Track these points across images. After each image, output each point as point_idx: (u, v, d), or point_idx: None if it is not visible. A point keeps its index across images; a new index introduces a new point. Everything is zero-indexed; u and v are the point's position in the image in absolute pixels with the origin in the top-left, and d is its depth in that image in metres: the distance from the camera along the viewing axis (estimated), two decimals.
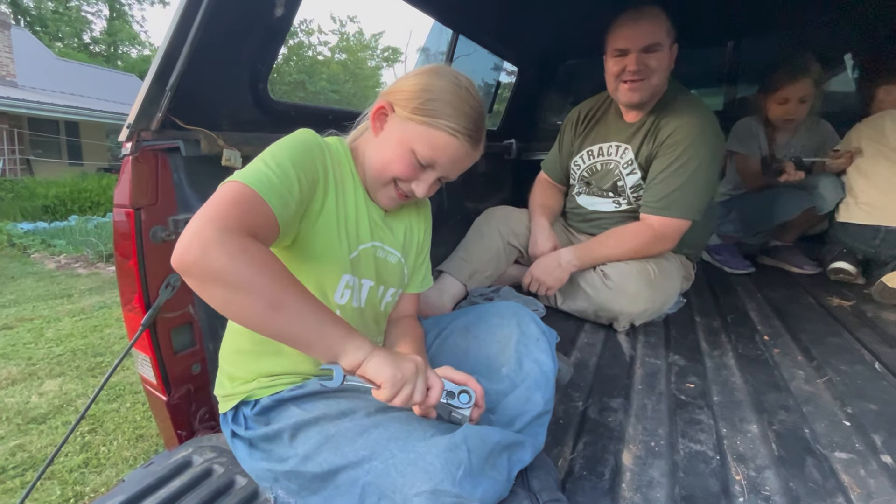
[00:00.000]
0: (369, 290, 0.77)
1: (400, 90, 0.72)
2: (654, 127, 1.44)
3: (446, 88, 0.70)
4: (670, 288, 1.46)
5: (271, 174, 0.60)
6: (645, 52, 1.32)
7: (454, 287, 1.57)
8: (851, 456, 0.83)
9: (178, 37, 0.82)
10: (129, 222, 0.87)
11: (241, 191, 0.57)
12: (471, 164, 0.77)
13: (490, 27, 2.14)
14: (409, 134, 0.70)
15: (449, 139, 0.70)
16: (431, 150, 0.70)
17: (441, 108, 0.69)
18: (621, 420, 0.95)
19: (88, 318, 3.31)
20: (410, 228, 0.86)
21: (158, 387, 0.94)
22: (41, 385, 2.34)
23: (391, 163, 0.72)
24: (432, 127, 0.69)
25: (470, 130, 0.71)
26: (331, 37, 26.73)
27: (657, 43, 1.31)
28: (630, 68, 1.34)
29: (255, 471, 0.69)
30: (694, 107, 1.41)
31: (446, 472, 0.52)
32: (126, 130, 0.84)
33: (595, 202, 1.64)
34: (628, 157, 1.50)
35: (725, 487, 0.76)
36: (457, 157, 0.72)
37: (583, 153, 1.63)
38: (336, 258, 0.70)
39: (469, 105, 0.71)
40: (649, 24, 1.31)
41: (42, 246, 5.60)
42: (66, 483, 1.63)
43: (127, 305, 0.92)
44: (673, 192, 1.37)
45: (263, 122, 1.15)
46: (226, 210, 0.54)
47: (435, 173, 0.74)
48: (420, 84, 0.71)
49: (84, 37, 23.08)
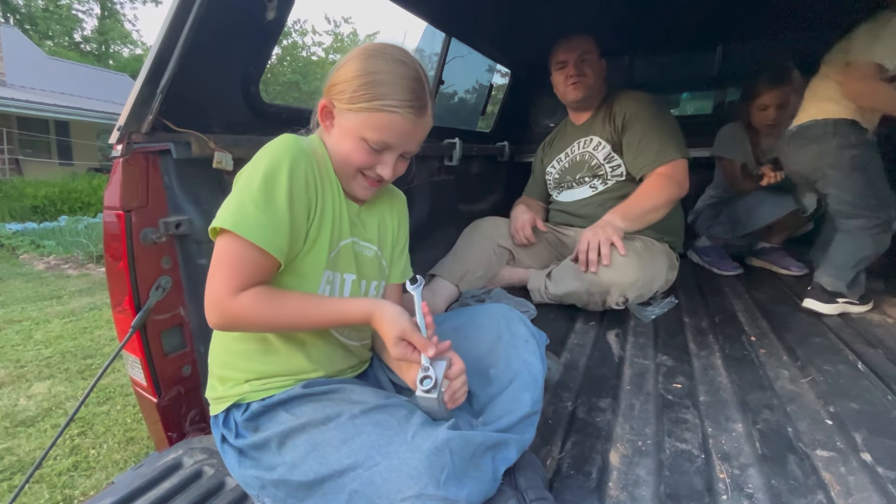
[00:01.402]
0: (352, 284, 0.78)
1: (334, 84, 0.72)
2: (607, 114, 1.73)
3: (375, 68, 0.69)
4: (657, 264, 1.57)
5: (263, 218, 0.63)
6: (580, 60, 1.69)
7: (446, 289, 1.59)
8: (832, 454, 0.85)
9: (169, 39, 0.83)
10: (119, 224, 0.87)
11: (239, 249, 0.63)
12: (426, 132, 0.77)
13: (483, 30, 2.16)
14: (353, 124, 0.71)
15: (391, 117, 0.69)
16: (378, 132, 0.70)
17: (374, 89, 0.69)
18: (609, 420, 0.97)
19: (78, 319, 3.28)
20: (383, 220, 0.87)
21: (149, 389, 0.94)
22: (30, 388, 2.31)
23: (349, 155, 0.73)
24: (372, 111, 0.69)
25: (409, 101, 0.70)
26: (325, 37, 26.68)
27: (588, 50, 1.69)
28: (570, 73, 1.70)
29: (243, 478, 0.69)
30: (631, 91, 1.74)
31: (430, 475, 0.53)
32: (117, 132, 0.84)
33: (573, 193, 1.83)
34: (594, 141, 1.75)
35: (710, 485, 0.77)
36: (405, 131, 0.72)
37: (553, 163, 1.91)
38: (318, 259, 0.72)
39: (402, 76, 0.70)
40: (578, 40, 1.71)
41: (31, 247, 5.53)
42: (54, 486, 1.62)
43: (117, 307, 0.92)
44: (659, 143, 1.59)
45: (255, 124, 1.15)
46: (229, 276, 0.63)
47: (393, 153, 0.74)
48: (349, 72, 0.70)
49: (75, 35, 22.84)
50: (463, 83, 3.04)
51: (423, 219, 1.98)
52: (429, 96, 0.73)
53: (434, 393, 0.66)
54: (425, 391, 0.67)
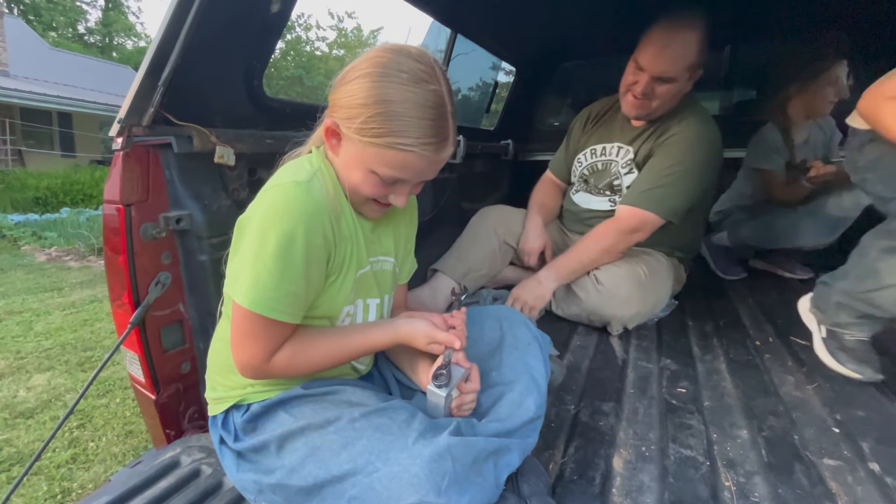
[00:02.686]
0: (377, 308, 0.77)
1: (340, 105, 0.62)
2: (657, 132, 1.47)
3: (388, 95, 0.58)
4: (661, 289, 1.48)
5: (281, 291, 0.60)
6: (657, 79, 1.33)
7: (448, 287, 1.57)
8: (839, 462, 0.83)
9: (171, 31, 0.81)
10: (119, 218, 0.85)
11: (262, 323, 0.62)
12: (444, 163, 0.67)
13: (488, 27, 2.13)
14: (362, 155, 0.62)
15: (405, 156, 0.60)
16: (391, 169, 0.62)
17: (386, 124, 0.58)
18: (612, 424, 0.96)
19: (79, 311, 3.28)
20: (398, 228, 0.84)
21: (147, 385, 0.93)
22: (29, 379, 2.31)
23: (359, 186, 0.66)
24: (382, 147, 0.60)
25: (427, 139, 0.60)
26: (329, 32, 26.59)
27: (672, 77, 1.31)
28: (638, 88, 1.36)
29: (240, 481, 0.68)
30: (697, 116, 1.43)
31: (431, 483, 0.52)
32: (117, 125, 0.83)
33: (591, 200, 1.65)
34: (628, 157, 1.53)
35: (715, 493, 0.76)
36: (420, 168, 0.63)
37: (586, 151, 1.66)
38: (336, 300, 0.70)
39: (420, 106, 0.59)
40: (673, 54, 1.28)
41: (33, 238, 5.53)
42: (53, 479, 1.62)
43: (116, 302, 0.91)
44: (654, 189, 1.39)
45: (258, 119, 1.13)
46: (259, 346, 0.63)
47: (406, 185, 0.67)
48: (359, 96, 0.59)
49: (79, 27, 22.82)
50: (468, 80, 3.03)
51: (425, 217, 1.97)
52: (452, 122, 0.63)
53: (444, 391, 0.67)
54: (437, 386, 0.67)
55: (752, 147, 1.99)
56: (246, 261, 0.60)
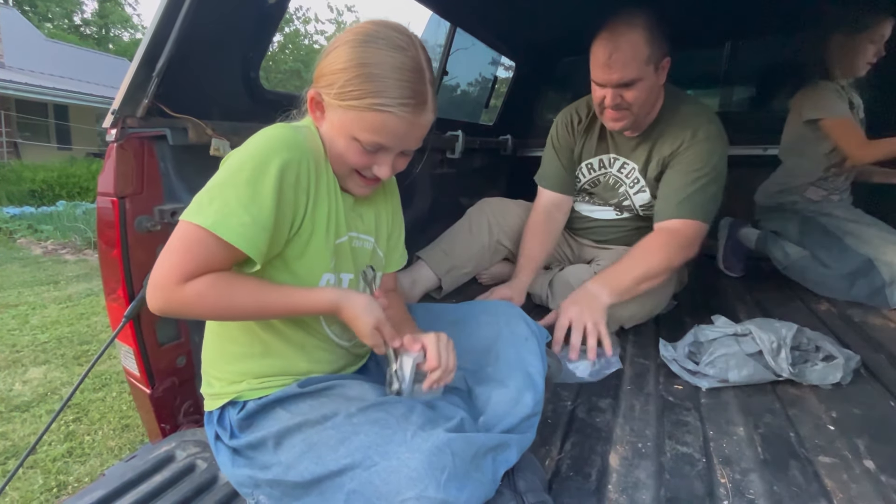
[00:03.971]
0: (349, 283, 0.75)
1: (321, 74, 0.65)
2: (659, 140, 1.37)
3: (367, 58, 0.60)
4: (662, 293, 1.44)
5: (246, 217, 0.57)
6: (621, 86, 1.22)
7: (428, 279, 1.53)
8: (835, 460, 0.84)
9: (166, 20, 0.80)
10: (113, 211, 0.85)
11: (204, 239, 0.57)
12: (426, 129, 0.68)
13: (488, 21, 2.12)
14: (344, 121, 0.63)
15: (385, 117, 0.61)
16: (371, 133, 0.63)
17: (365, 84, 0.60)
18: (609, 420, 0.95)
19: (75, 305, 3.27)
20: (378, 209, 0.82)
21: (142, 379, 0.93)
22: (25, 372, 2.30)
23: (342, 155, 0.67)
24: (361, 110, 0.61)
25: (404, 98, 0.61)
26: (328, 26, 26.42)
27: (633, 79, 1.20)
28: (607, 101, 1.27)
29: (235, 477, 0.67)
30: (699, 114, 1.35)
31: (431, 477, 0.51)
32: (111, 116, 0.82)
33: (595, 210, 1.60)
34: (633, 175, 1.44)
35: (710, 490, 0.76)
36: (401, 131, 0.64)
37: (582, 167, 1.55)
38: (316, 261, 0.68)
39: (397, 68, 0.61)
40: (622, 59, 1.18)
41: (28, 231, 5.51)
42: (49, 472, 1.61)
43: (110, 295, 0.90)
44: (691, 196, 1.30)
45: (255, 111, 1.12)
46: (180, 261, 0.57)
47: (389, 153, 0.67)
48: (339, 61, 0.62)
49: (75, 18, 22.59)
50: (467, 75, 3.01)
51: (423, 212, 1.96)
52: (430, 88, 0.65)
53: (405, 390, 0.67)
54: (394, 392, 0.68)
55: (811, 100, 1.71)
56: (212, 186, 0.59)
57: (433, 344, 0.68)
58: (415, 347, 0.68)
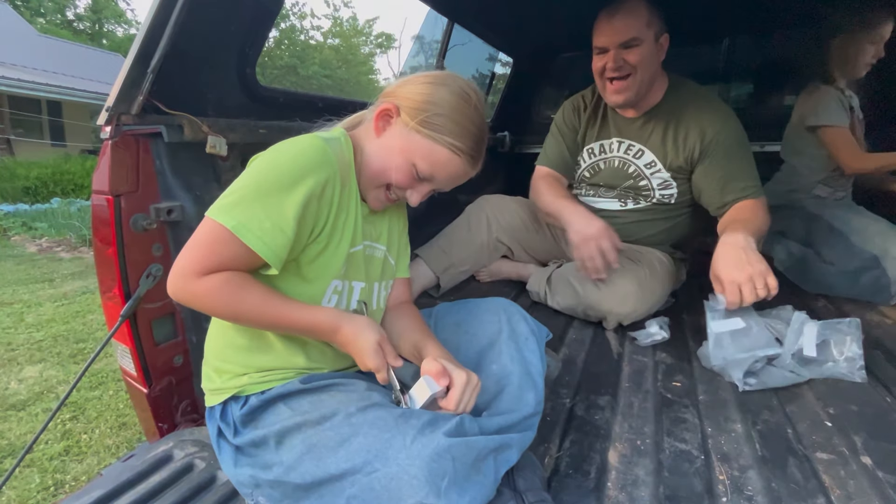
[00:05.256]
0: (361, 292, 0.76)
1: (407, 97, 0.70)
2: (672, 127, 1.38)
3: (454, 104, 0.69)
4: (660, 290, 1.44)
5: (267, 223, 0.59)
6: (623, 48, 1.28)
7: (426, 277, 1.53)
8: (832, 456, 0.84)
9: (161, 16, 0.79)
10: (108, 209, 0.84)
11: (227, 239, 0.59)
12: (465, 181, 0.77)
13: (486, 17, 2.11)
14: (411, 145, 0.69)
15: (451, 157, 0.70)
16: (432, 165, 0.70)
17: (447, 124, 0.68)
18: (608, 418, 0.96)
19: (71, 303, 3.25)
20: (390, 218, 0.85)
21: (139, 379, 0.92)
22: (21, 371, 2.29)
23: (390, 171, 0.71)
24: (436, 142, 0.69)
25: (472, 150, 0.71)
26: (324, 21, 26.26)
27: (634, 38, 1.27)
28: (609, 65, 1.31)
29: (237, 476, 0.67)
30: (708, 100, 1.38)
31: (431, 484, 0.51)
32: (105, 113, 0.81)
33: (598, 201, 1.58)
34: (645, 157, 1.44)
35: (709, 487, 0.77)
36: (455, 174, 0.73)
37: (583, 152, 1.56)
38: (328, 267, 0.69)
39: (474, 124, 0.70)
40: (624, 19, 1.27)
41: (23, 228, 5.46)
42: (45, 471, 1.61)
43: (106, 294, 0.89)
44: (750, 177, 1.34)
45: (250, 108, 1.11)
46: (203, 256, 0.59)
47: (431, 185, 0.74)
48: (429, 95, 0.69)
49: (68, 13, 22.31)
50: (464, 71, 2.99)
51: (420, 210, 1.94)
52: (483, 152, 0.75)
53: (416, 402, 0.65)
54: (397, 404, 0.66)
55: (812, 105, 1.73)
56: (241, 187, 0.61)
57: (459, 389, 0.64)
58: (441, 383, 0.64)
